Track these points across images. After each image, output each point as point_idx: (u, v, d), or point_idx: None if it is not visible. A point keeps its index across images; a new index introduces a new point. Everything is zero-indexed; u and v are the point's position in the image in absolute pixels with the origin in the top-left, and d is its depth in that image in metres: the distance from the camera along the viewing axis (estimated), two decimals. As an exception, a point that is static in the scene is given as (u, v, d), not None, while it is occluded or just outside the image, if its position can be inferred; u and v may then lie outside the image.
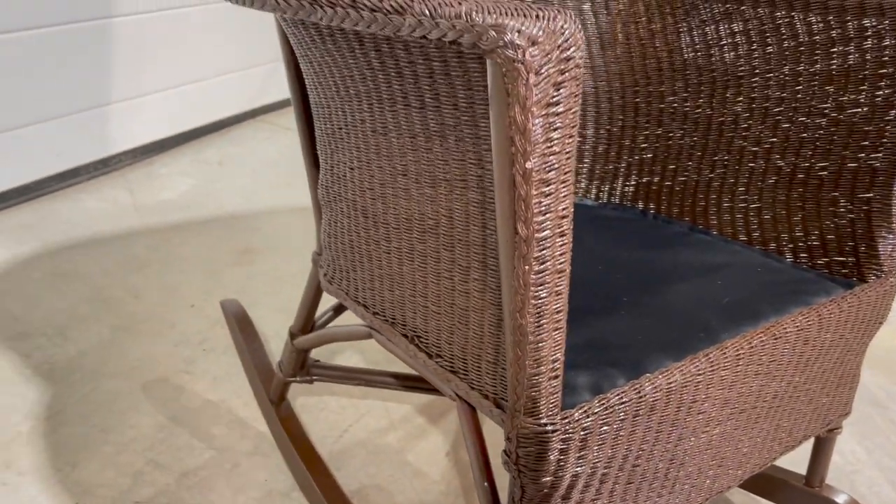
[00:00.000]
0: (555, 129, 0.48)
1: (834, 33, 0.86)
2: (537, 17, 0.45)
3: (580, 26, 0.47)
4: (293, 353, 0.99)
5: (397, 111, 0.64)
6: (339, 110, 0.73)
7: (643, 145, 1.09)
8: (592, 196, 1.14)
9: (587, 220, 1.07)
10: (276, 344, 1.26)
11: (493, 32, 0.44)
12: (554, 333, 0.55)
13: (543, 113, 0.47)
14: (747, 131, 0.97)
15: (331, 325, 0.98)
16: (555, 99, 0.47)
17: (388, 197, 0.70)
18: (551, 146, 0.48)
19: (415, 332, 0.73)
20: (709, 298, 0.82)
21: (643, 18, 1.07)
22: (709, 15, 1.00)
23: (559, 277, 0.53)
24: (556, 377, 0.57)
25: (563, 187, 0.50)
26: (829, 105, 0.88)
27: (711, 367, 0.67)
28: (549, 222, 0.50)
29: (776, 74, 0.93)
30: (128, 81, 1.81)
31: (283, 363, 1.01)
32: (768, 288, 0.84)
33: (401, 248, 0.71)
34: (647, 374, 0.64)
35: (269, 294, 1.40)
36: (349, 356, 1.25)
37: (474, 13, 0.45)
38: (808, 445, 0.94)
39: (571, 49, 0.47)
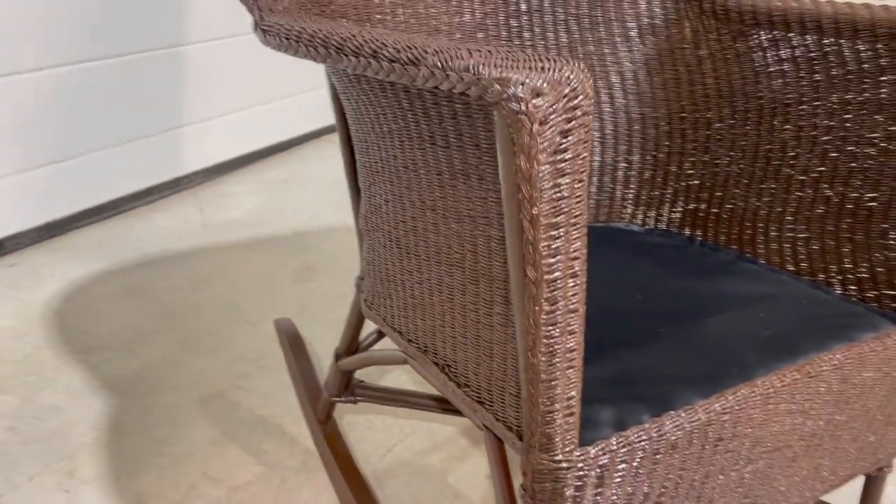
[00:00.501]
0: (563, 175, 0.49)
1: (883, 61, 0.84)
2: (542, 68, 0.46)
3: (588, 75, 0.49)
4: (337, 374, 1.02)
5: (425, 150, 0.66)
6: (374, 145, 0.76)
7: (690, 171, 1.08)
8: (639, 221, 1.13)
9: (632, 247, 1.06)
10: (329, 362, 1.29)
11: (498, 86, 0.45)
12: (567, 372, 0.56)
13: (550, 160, 0.48)
14: (795, 160, 0.95)
15: (374, 347, 1.01)
16: (563, 146, 0.48)
17: (418, 230, 0.72)
18: (560, 191, 0.49)
19: (445, 361, 0.75)
20: (748, 331, 0.81)
21: (690, 44, 1.06)
22: (756, 42, 0.98)
23: (572, 317, 0.54)
24: (571, 414, 0.57)
25: (574, 230, 0.51)
26: (878, 135, 0.86)
27: (739, 405, 0.66)
28: (559, 264, 0.51)
29: (824, 102, 0.91)
30: (199, 105, 1.90)
31: (328, 383, 1.04)
32: (812, 322, 0.82)
33: (431, 279, 0.73)
34: (670, 412, 0.64)
35: (325, 312, 1.44)
36: (397, 376, 1.27)
37: (481, 66, 0.47)
38: (859, 482, 0.91)
39: (579, 98, 0.48)
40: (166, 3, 1.75)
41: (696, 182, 1.07)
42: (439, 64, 0.49)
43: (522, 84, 0.45)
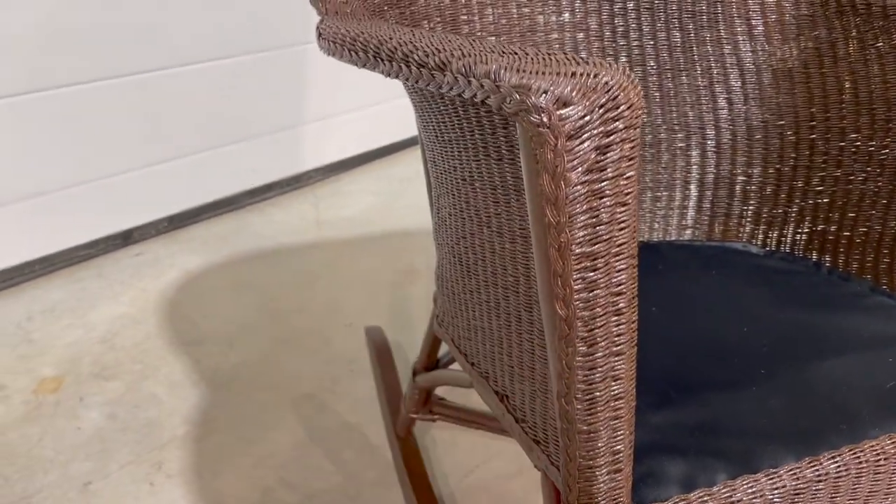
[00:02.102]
0: (601, 198, 0.42)
1: None
2: (573, 73, 0.40)
3: (635, 79, 0.41)
4: (415, 390, 0.98)
5: (480, 161, 0.60)
6: (439, 156, 0.71)
7: (819, 188, 0.95)
8: (759, 242, 1.01)
9: (747, 271, 0.95)
10: (418, 371, 1.26)
11: (517, 94, 0.39)
12: (613, 423, 0.48)
13: (585, 179, 0.41)
14: (945, 178, 0.81)
15: (453, 365, 0.97)
16: (600, 164, 0.41)
17: (476, 248, 0.67)
18: (597, 215, 0.42)
19: (504, 391, 0.69)
20: (870, 380, 0.69)
21: (825, 44, 0.93)
22: (904, 39, 0.85)
23: (617, 360, 0.46)
24: (618, 471, 0.50)
25: (618, 261, 0.44)
26: None
27: (839, 471, 0.56)
28: (598, 300, 0.44)
29: (984, 112, 0.76)
30: (321, 102, 1.93)
31: (407, 399, 1.01)
32: (952, 374, 0.69)
33: (490, 301, 0.67)
34: (747, 476, 0.55)
35: (421, 319, 1.41)
36: (488, 391, 1.22)
37: (503, 71, 0.40)
38: None
39: (620, 108, 0.41)
40: (293, 2, 1.78)
41: (825, 200, 0.94)
42: (463, 69, 0.43)
43: (546, 92, 0.39)
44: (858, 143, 0.90)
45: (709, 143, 1.02)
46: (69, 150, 1.51)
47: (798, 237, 0.98)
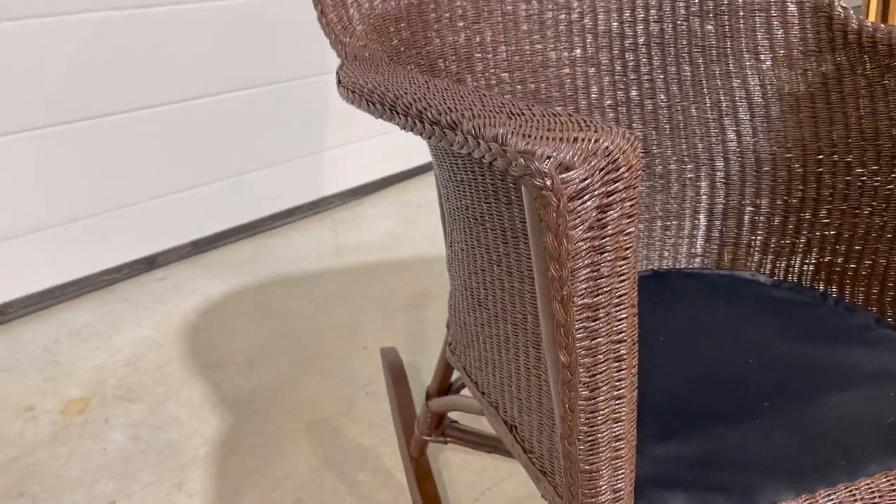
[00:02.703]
0: (602, 253, 0.45)
1: None
2: (575, 139, 0.42)
3: (635, 142, 0.44)
4: (428, 413, 1.01)
5: (490, 203, 0.63)
6: (452, 193, 0.74)
7: (825, 220, 0.97)
8: (767, 271, 1.03)
9: (755, 300, 0.97)
10: (433, 395, 1.29)
11: (522, 159, 0.42)
12: (614, 462, 0.50)
13: (587, 236, 0.44)
14: (948, 214, 0.82)
15: (464, 391, 0.99)
16: (601, 221, 0.44)
17: (487, 284, 0.69)
18: (598, 269, 0.45)
19: (512, 421, 0.71)
20: (871, 415, 0.71)
21: (832, 79, 0.95)
22: (907, 77, 0.87)
23: (618, 404, 0.49)
24: (620, 507, 0.52)
25: (618, 310, 0.47)
26: None
27: (836, 509, 0.58)
28: (600, 348, 0.47)
29: (985, 151, 0.78)
30: (340, 130, 1.97)
31: (420, 421, 1.03)
32: (954, 408, 0.70)
33: (500, 335, 0.70)
34: (747, 511, 0.57)
35: (436, 342, 1.44)
36: (501, 415, 1.24)
37: (510, 136, 0.43)
38: None
39: (620, 170, 0.43)
40: (313, 34, 1.83)
41: (832, 232, 0.96)
42: (472, 131, 0.46)
43: (549, 158, 0.42)
44: (864, 178, 0.92)
45: (718, 173, 1.04)
46: (96, 179, 1.56)
47: (805, 267, 0.99)
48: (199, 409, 1.26)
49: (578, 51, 1.01)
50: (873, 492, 0.58)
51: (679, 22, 1.02)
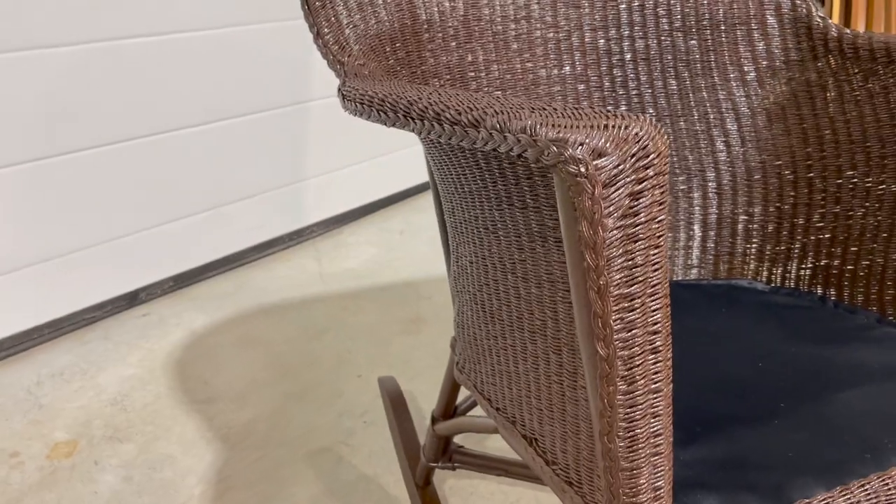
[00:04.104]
0: (636, 241, 0.44)
1: None
2: (606, 126, 0.42)
3: (661, 129, 0.44)
4: (434, 439, 0.99)
5: (503, 210, 0.63)
6: (458, 206, 0.74)
7: (819, 224, 0.98)
8: (764, 278, 1.04)
9: (755, 307, 0.97)
10: (431, 420, 1.26)
11: (555, 147, 0.42)
12: (653, 459, 0.50)
13: (620, 224, 0.44)
14: (942, 211, 0.84)
15: (471, 412, 0.97)
16: (633, 209, 0.44)
17: (500, 294, 0.68)
18: (633, 259, 0.44)
19: (532, 434, 0.70)
20: (886, 410, 0.71)
21: (816, 86, 0.97)
22: (891, 80, 0.89)
23: (655, 397, 0.48)
24: (659, 507, 0.51)
25: (653, 301, 0.46)
26: None
27: (869, 499, 0.57)
28: (636, 339, 0.46)
29: (975, 146, 0.80)
30: (320, 158, 1.96)
31: (426, 448, 1.01)
32: (966, 399, 0.71)
33: (515, 346, 0.69)
34: (782, 506, 0.56)
35: (432, 367, 1.42)
36: (500, 440, 1.22)
37: (539, 126, 0.43)
38: None
39: (650, 157, 0.43)
40: (294, 63, 1.83)
41: (827, 236, 0.97)
42: (498, 126, 0.46)
43: (582, 144, 0.41)
44: (855, 180, 0.93)
45: (709, 184, 1.05)
46: (73, 215, 1.53)
47: (802, 272, 1.00)
48: (192, 446, 1.22)
49: (567, 68, 1.02)
50: (904, 481, 0.57)
51: (663, 38, 1.04)
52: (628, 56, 1.04)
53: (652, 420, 0.48)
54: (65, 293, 1.54)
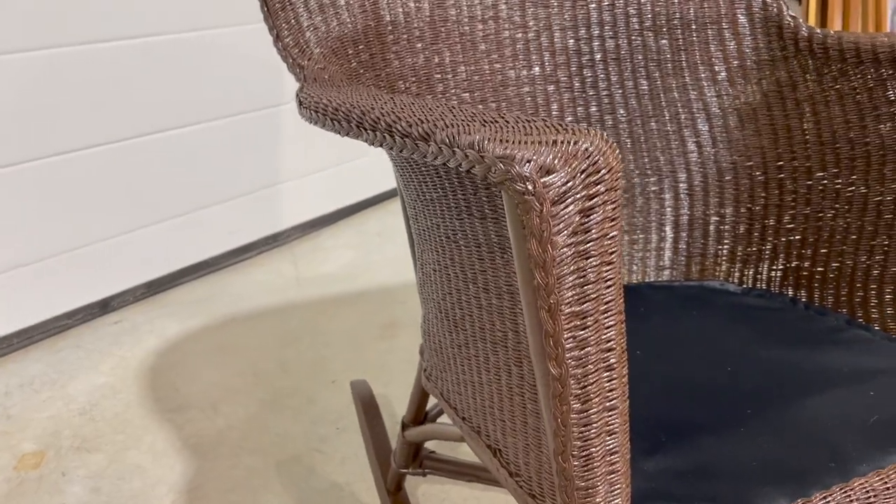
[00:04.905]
0: (587, 258, 0.43)
1: None
2: (555, 142, 0.41)
3: (613, 144, 0.43)
4: (404, 445, 0.98)
5: (463, 220, 0.62)
6: (421, 213, 0.72)
7: (790, 226, 0.97)
8: (735, 280, 1.03)
9: (725, 309, 0.97)
10: (406, 425, 1.25)
11: (501, 164, 0.40)
12: (609, 477, 0.49)
13: (571, 241, 0.42)
14: (910, 212, 0.83)
15: (441, 419, 0.96)
16: (584, 226, 0.43)
17: (463, 303, 0.67)
18: (584, 275, 0.43)
19: (497, 445, 0.69)
20: (854, 415, 0.70)
21: (786, 87, 0.97)
22: (860, 82, 0.88)
23: (610, 415, 0.47)
24: (618, 524, 0.50)
25: (607, 318, 0.45)
26: None
27: (832, 512, 0.56)
28: (590, 357, 0.45)
29: (942, 148, 0.79)
30: (296, 161, 1.94)
31: (396, 454, 1.00)
32: (934, 404, 0.70)
33: (479, 356, 0.68)
34: (744, 520, 0.55)
35: (406, 372, 1.41)
36: (477, 442, 1.21)
37: (486, 142, 0.42)
38: None
39: (601, 172, 0.42)
40: (267, 66, 1.81)
41: (797, 237, 0.97)
42: (447, 140, 0.44)
43: (529, 161, 0.40)
44: (825, 182, 0.93)
45: (681, 185, 1.05)
46: (43, 222, 1.50)
47: (773, 274, 1.00)
48: (163, 455, 1.21)
49: (537, 69, 1.01)
50: (868, 491, 0.57)
51: (633, 38, 1.03)
52: (598, 56, 1.03)
53: (607, 438, 0.47)
54: (36, 301, 1.51)
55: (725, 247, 1.04)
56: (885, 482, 0.58)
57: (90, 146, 1.53)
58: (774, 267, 0.99)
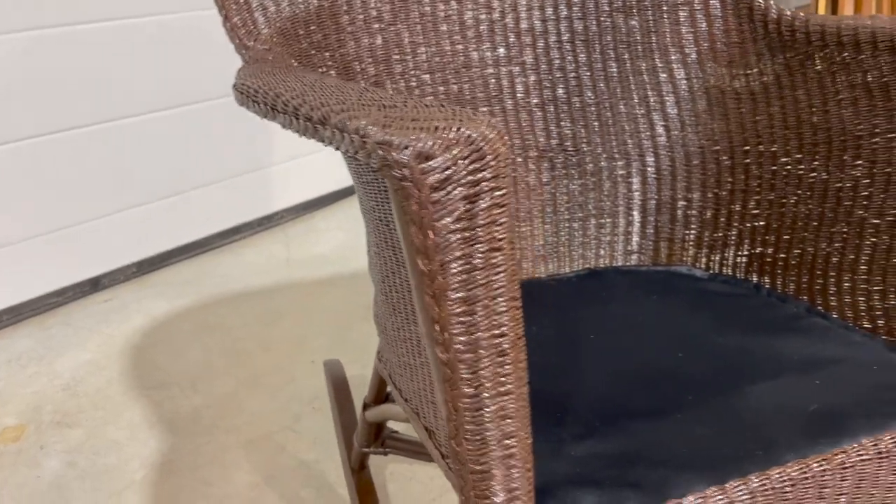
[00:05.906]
0: (473, 244, 0.43)
1: (963, 85, 0.71)
2: (436, 128, 0.41)
3: (502, 131, 0.43)
4: (365, 424, 0.99)
5: (388, 201, 0.62)
6: (363, 196, 0.73)
7: (755, 211, 0.96)
8: (702, 265, 1.02)
9: (689, 294, 0.96)
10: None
11: (380, 150, 0.40)
12: (506, 461, 0.49)
13: (456, 228, 0.42)
14: (868, 200, 0.82)
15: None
16: (470, 212, 0.43)
17: (397, 286, 0.68)
18: (471, 261, 0.43)
19: (431, 427, 0.70)
20: (794, 404, 0.70)
21: (755, 70, 0.95)
22: (825, 66, 0.87)
23: (506, 399, 0.47)
24: (519, 509, 0.50)
25: (497, 303, 0.45)
26: (961, 171, 0.72)
27: (743, 499, 0.56)
28: (480, 342, 0.45)
29: (898, 134, 0.78)
30: (289, 143, 1.95)
31: (358, 433, 1.01)
32: (876, 394, 0.70)
33: (412, 339, 0.68)
34: (655, 506, 0.55)
35: (386, 353, 1.42)
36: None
37: (370, 127, 0.42)
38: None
39: (486, 158, 0.42)
40: (256, 46, 1.81)
41: (761, 223, 0.96)
42: (338, 125, 0.44)
43: (407, 147, 0.40)
44: (789, 167, 0.91)
45: (649, 169, 1.04)
46: (35, 200, 1.52)
47: (739, 260, 0.99)
48: (139, 431, 1.23)
49: (502, 50, 1.00)
50: (784, 480, 0.57)
51: (602, 18, 1.02)
52: (566, 37, 1.02)
53: (502, 422, 0.48)
54: (25, 279, 1.54)
55: (692, 232, 1.03)
56: (804, 472, 0.57)
57: (81, 126, 1.55)
58: (740, 253, 0.98)
